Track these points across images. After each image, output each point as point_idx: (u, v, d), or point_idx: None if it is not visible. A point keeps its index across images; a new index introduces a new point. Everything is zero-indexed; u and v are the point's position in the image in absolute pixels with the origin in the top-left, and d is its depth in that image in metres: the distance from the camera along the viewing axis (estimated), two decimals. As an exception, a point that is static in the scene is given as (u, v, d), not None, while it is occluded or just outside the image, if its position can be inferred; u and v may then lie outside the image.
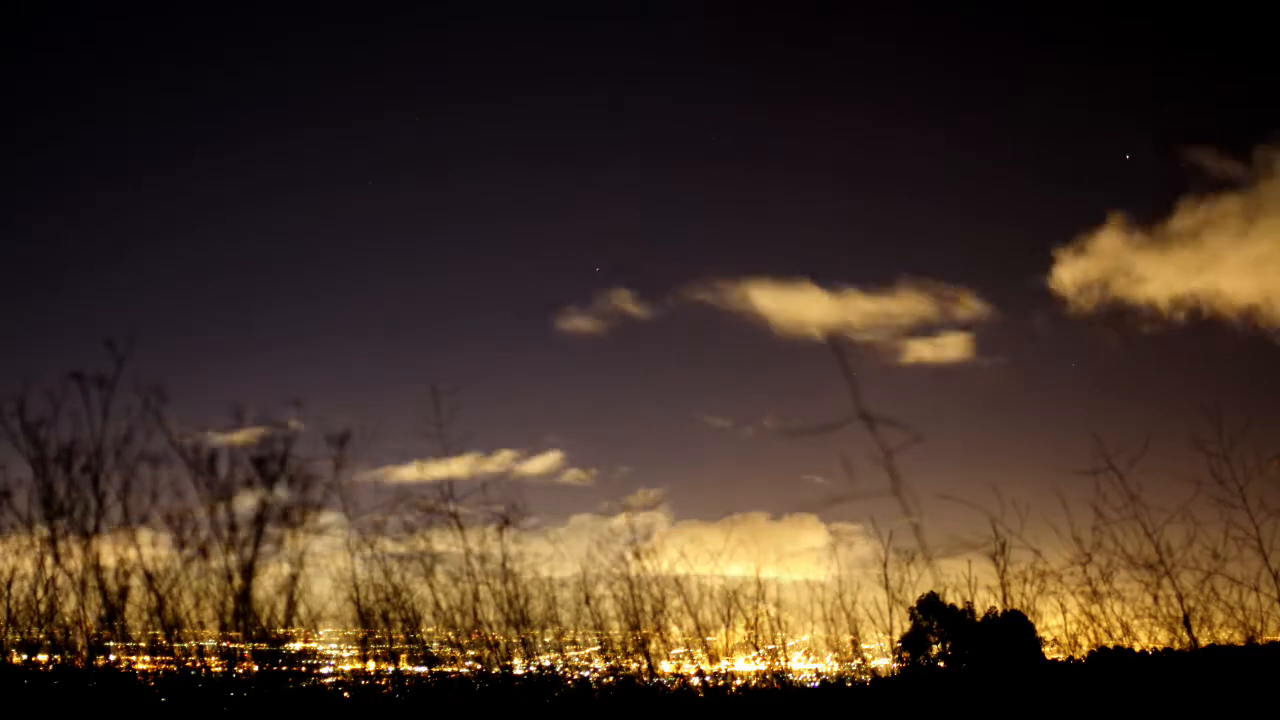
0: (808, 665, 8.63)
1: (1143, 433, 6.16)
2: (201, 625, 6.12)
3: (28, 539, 5.82)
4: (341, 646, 7.79)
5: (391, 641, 6.97)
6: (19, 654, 6.33)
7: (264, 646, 6.12)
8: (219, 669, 6.29)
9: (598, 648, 7.91)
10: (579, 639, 7.77)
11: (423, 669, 7.18)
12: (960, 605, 7.87)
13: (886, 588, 7.34)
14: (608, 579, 7.29)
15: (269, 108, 38.73)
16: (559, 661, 7.71)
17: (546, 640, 7.39)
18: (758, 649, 7.89)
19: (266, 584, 5.88)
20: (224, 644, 6.21)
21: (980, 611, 7.75)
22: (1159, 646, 6.69)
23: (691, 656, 7.57)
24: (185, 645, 6.24)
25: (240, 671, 6.21)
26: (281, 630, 6.13)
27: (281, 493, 5.74)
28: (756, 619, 7.77)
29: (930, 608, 8.19)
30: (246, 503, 5.72)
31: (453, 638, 7.15)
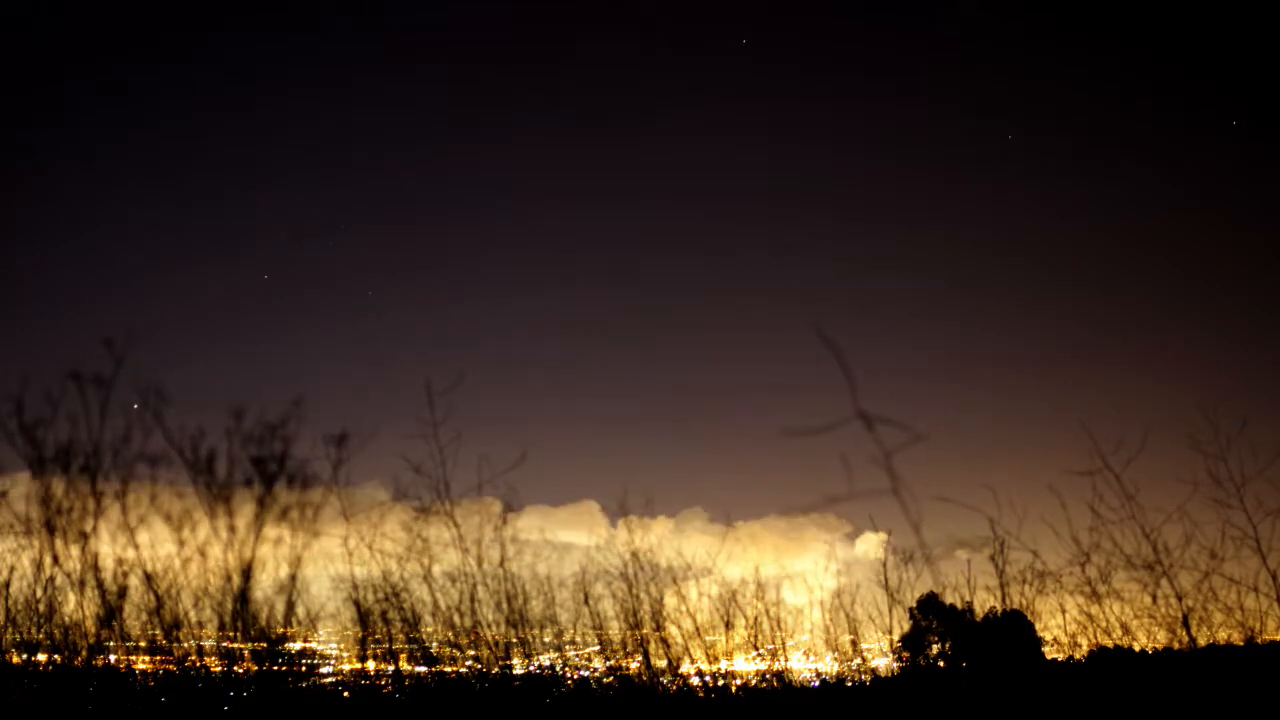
0: (808, 665, 8.62)
1: (1139, 433, 6.15)
2: (201, 625, 6.12)
3: (26, 539, 5.82)
4: (341, 647, 7.79)
5: (391, 641, 6.96)
6: (19, 654, 6.34)
7: (263, 646, 6.11)
8: (218, 669, 6.29)
9: (597, 647, 7.91)
10: (578, 639, 7.77)
11: (422, 669, 7.18)
12: (960, 605, 7.85)
13: (886, 588, 7.34)
14: (606, 579, 7.30)
15: (269, 106, 38.82)
16: (559, 661, 7.71)
17: (546, 640, 7.39)
18: (758, 649, 7.89)
19: (265, 584, 5.87)
20: (223, 644, 6.21)
21: (980, 611, 7.74)
22: (1158, 646, 6.67)
23: (691, 656, 7.56)
24: (184, 645, 6.24)
25: (240, 671, 6.21)
26: (281, 630, 6.13)
27: (280, 492, 5.73)
28: (756, 619, 7.77)
29: (930, 608, 8.18)
30: (245, 502, 5.70)
31: (452, 637, 7.15)
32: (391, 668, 7.23)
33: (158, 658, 6.33)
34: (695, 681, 7.57)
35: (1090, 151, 38.12)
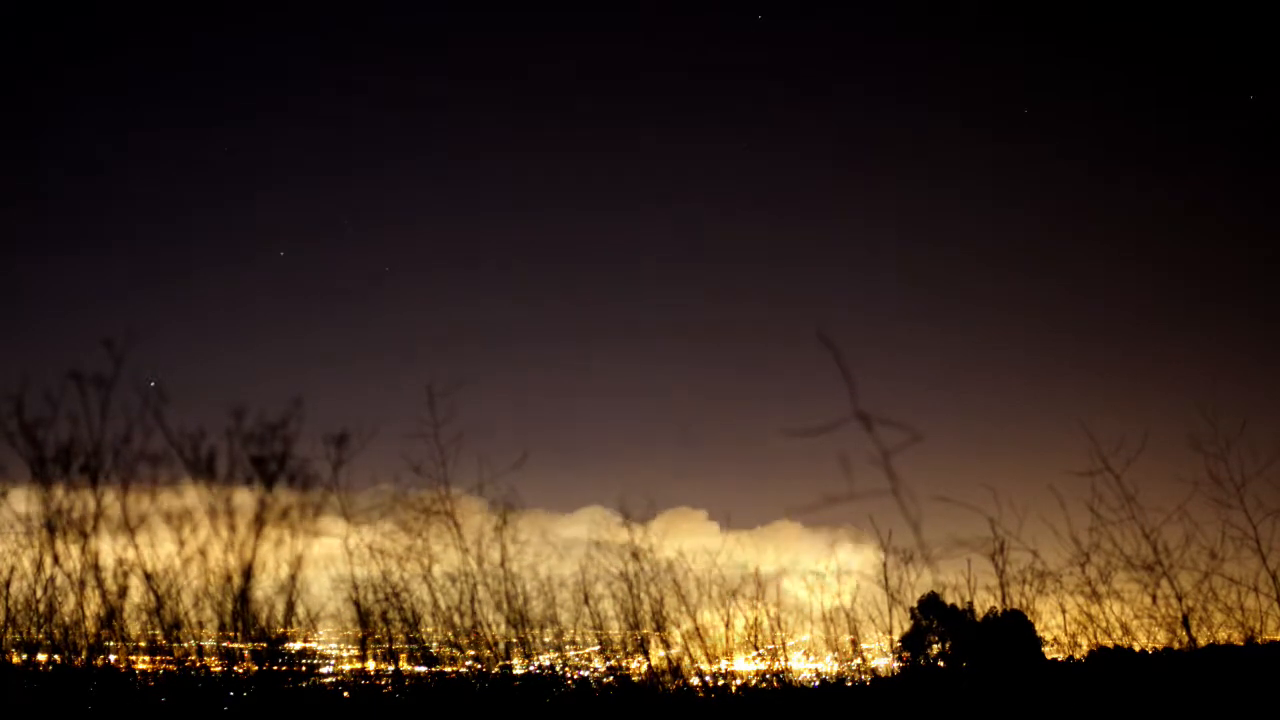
0: (808, 665, 8.62)
1: (1139, 432, 6.14)
2: (201, 625, 6.11)
3: (26, 539, 5.82)
4: (341, 646, 7.79)
5: (391, 641, 6.96)
6: (19, 654, 6.33)
7: (263, 646, 6.11)
8: (218, 669, 6.29)
9: (597, 647, 7.91)
10: (578, 639, 7.76)
11: (422, 669, 7.18)
12: (960, 605, 7.85)
13: (886, 588, 7.33)
14: (606, 579, 7.29)
15: (266, 102, 38.80)
16: (559, 661, 7.71)
17: (546, 640, 7.38)
18: (758, 649, 7.88)
19: (265, 584, 5.87)
20: (223, 644, 6.21)
21: (980, 611, 7.73)
22: (1158, 646, 6.67)
23: (692, 656, 7.56)
24: (185, 645, 6.24)
25: (240, 671, 6.21)
26: (281, 630, 6.13)
27: (280, 492, 5.73)
28: (756, 619, 7.77)
29: (930, 607, 8.17)
30: (245, 502, 5.70)
31: (452, 637, 7.15)
32: (391, 668, 7.22)
33: (158, 658, 6.33)
34: (695, 681, 7.57)
35: (1091, 157, 38.12)
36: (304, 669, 7.03)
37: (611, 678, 7.77)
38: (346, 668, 7.77)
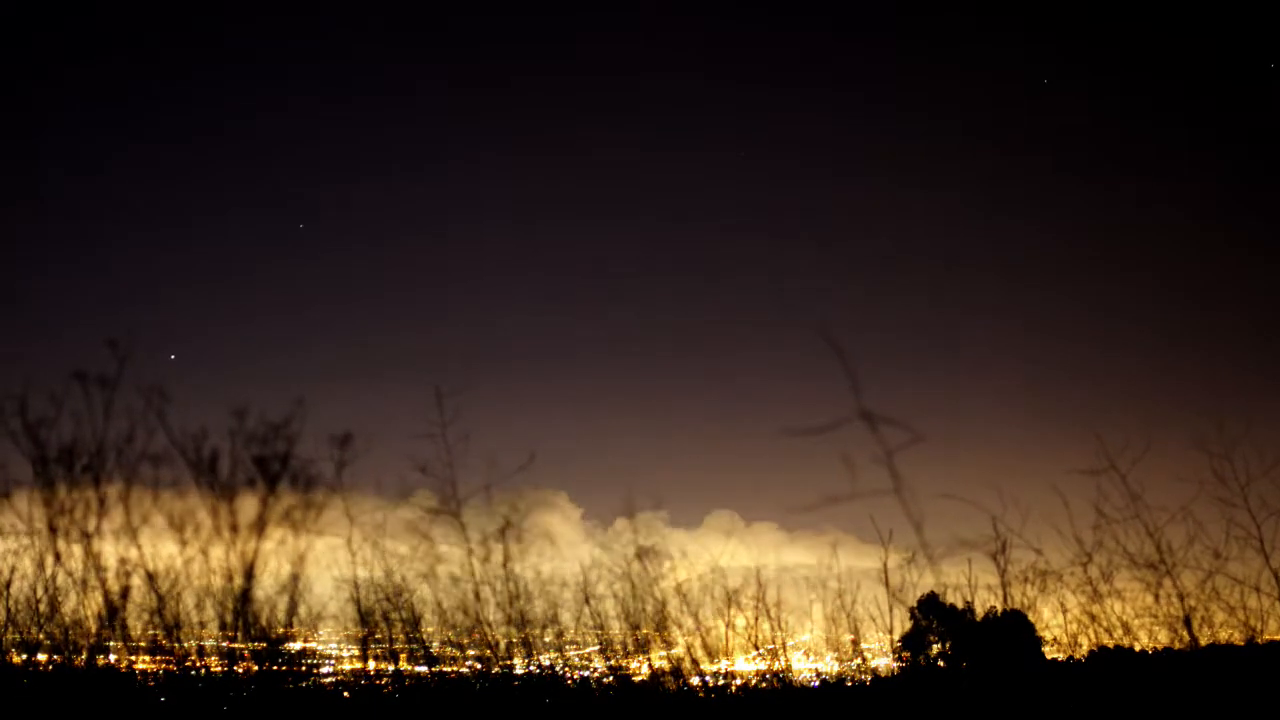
0: (808, 665, 8.62)
1: (1145, 432, 6.16)
2: (202, 625, 6.10)
3: (28, 539, 5.80)
4: (341, 646, 7.77)
5: (392, 641, 6.95)
6: (19, 654, 6.31)
7: (263, 646, 6.10)
8: (219, 669, 6.28)
9: (598, 647, 7.90)
10: (579, 639, 7.75)
11: (423, 669, 7.17)
12: (961, 605, 7.86)
13: (887, 587, 7.33)
14: (608, 579, 7.28)
15: (267, 103, 38.72)
16: (559, 661, 7.70)
17: (547, 640, 7.37)
18: (758, 649, 7.88)
19: (267, 584, 5.86)
20: (224, 644, 6.20)
21: (980, 611, 7.74)
22: (1159, 646, 6.68)
23: (692, 656, 7.55)
24: (185, 645, 6.22)
25: (240, 671, 6.20)
26: (282, 630, 6.12)
27: (283, 493, 5.72)
28: (756, 619, 7.77)
29: (930, 607, 8.18)
30: (248, 503, 5.69)
31: (453, 637, 7.14)
32: (392, 667, 7.21)
33: (158, 657, 6.31)
34: (695, 681, 7.57)
35: (1093, 159, 38.24)
36: (304, 669, 7.01)
37: (612, 678, 7.77)
38: (347, 667, 7.75)
